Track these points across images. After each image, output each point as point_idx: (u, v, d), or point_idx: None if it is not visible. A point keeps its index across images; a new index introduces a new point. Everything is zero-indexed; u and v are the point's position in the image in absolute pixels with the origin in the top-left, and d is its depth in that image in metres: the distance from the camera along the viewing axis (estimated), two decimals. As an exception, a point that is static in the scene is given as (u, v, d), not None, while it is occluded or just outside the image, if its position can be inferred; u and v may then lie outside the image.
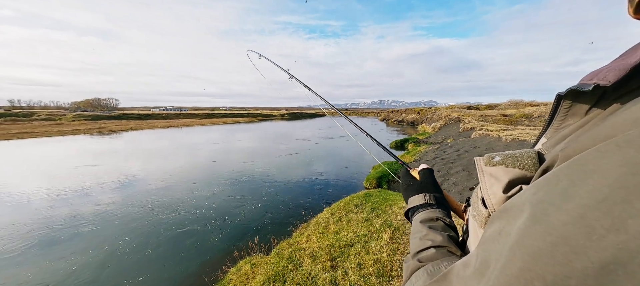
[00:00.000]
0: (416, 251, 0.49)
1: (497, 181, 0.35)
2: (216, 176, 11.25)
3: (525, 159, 0.34)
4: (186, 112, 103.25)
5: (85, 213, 7.41)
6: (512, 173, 0.34)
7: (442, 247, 0.48)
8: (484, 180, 0.37)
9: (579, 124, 0.34)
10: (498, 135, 12.75)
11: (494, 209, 0.35)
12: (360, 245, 4.07)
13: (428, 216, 0.58)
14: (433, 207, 0.61)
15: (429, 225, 0.55)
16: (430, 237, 0.50)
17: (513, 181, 0.34)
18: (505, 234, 0.25)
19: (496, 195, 0.35)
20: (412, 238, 0.55)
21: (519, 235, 0.22)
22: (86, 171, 12.33)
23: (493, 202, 0.35)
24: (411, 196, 0.66)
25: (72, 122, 51.93)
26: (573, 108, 0.35)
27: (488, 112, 29.21)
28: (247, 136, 29.59)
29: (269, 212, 7.33)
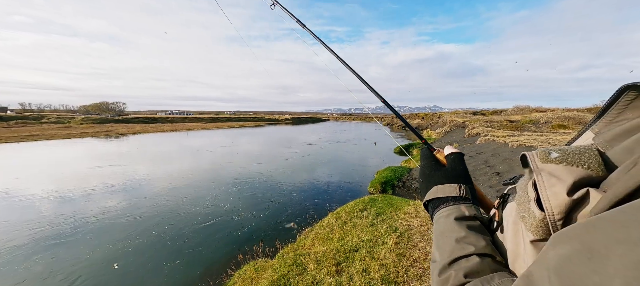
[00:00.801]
0: (454, 257, 0.41)
1: (558, 181, 0.31)
2: (220, 180, 11.32)
3: (588, 157, 0.31)
4: (191, 116, 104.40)
5: (91, 215, 7.50)
6: (577, 172, 0.30)
7: (487, 256, 0.40)
8: (541, 179, 0.33)
9: None
10: (504, 141, 12.61)
11: (552, 213, 0.31)
12: (365, 250, 4.04)
13: (463, 212, 0.48)
14: (468, 201, 0.50)
15: (467, 225, 0.46)
16: (471, 241, 0.42)
17: (578, 182, 0.30)
18: (605, 261, 0.19)
19: (558, 197, 0.30)
20: (442, 237, 0.46)
21: None
22: (93, 173, 12.52)
23: (553, 205, 0.31)
24: (438, 183, 0.54)
25: (81, 125, 52.87)
26: (637, 101, 0.33)
27: (494, 118, 28.95)
28: (251, 140, 29.76)
29: (273, 215, 7.34)
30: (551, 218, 0.31)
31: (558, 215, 0.30)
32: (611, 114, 0.36)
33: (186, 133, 42.03)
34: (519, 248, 0.37)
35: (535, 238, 0.33)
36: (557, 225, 0.30)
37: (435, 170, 0.57)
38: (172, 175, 12.17)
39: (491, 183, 7.43)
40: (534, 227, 0.33)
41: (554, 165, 0.32)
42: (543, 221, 0.32)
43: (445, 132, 25.94)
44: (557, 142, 11.02)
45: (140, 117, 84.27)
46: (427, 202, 0.55)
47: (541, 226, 0.32)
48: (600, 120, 0.37)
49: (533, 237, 0.33)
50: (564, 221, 0.30)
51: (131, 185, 10.49)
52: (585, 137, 0.39)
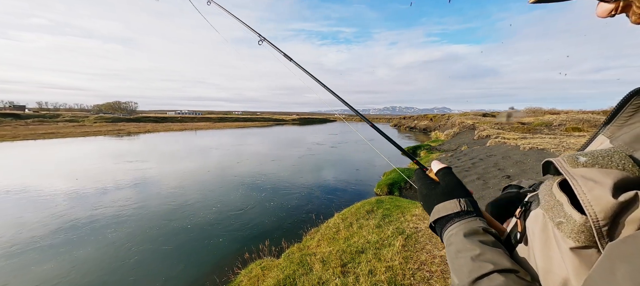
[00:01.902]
0: (474, 278, 0.39)
1: (597, 184, 0.30)
2: (228, 178, 11.45)
3: (619, 159, 0.31)
4: (200, 116, 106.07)
5: (101, 212, 7.69)
6: (614, 174, 0.30)
7: (510, 271, 0.38)
8: (577, 183, 0.32)
9: None
10: (515, 143, 12.32)
11: (596, 217, 0.30)
12: (371, 252, 4.01)
13: (471, 227, 0.47)
14: (472, 214, 0.49)
15: (479, 240, 0.44)
16: (488, 258, 0.40)
17: (619, 183, 0.30)
18: None
19: (601, 201, 0.29)
20: (456, 257, 0.44)
21: None
22: (104, 171, 12.86)
23: (596, 209, 0.30)
24: (437, 202, 0.53)
25: (94, 123, 54.38)
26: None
27: (504, 120, 28.33)
28: (258, 140, 30.00)
29: (279, 215, 7.37)
30: (595, 223, 0.29)
31: (603, 220, 0.29)
32: (622, 118, 0.36)
33: (195, 132, 42.70)
34: (553, 259, 0.35)
35: (576, 245, 0.31)
36: (602, 230, 0.29)
37: (431, 190, 0.57)
38: (181, 173, 12.38)
39: (501, 186, 7.26)
40: (574, 233, 0.31)
41: (586, 169, 0.32)
42: (584, 225, 0.30)
43: (454, 134, 25.53)
44: (572, 145, 10.70)
45: (151, 116, 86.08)
46: (433, 223, 0.54)
47: (583, 231, 0.31)
48: (611, 124, 0.37)
49: (574, 244, 0.32)
50: (609, 227, 0.29)
51: (141, 183, 10.72)
52: (599, 141, 0.38)
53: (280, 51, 1.21)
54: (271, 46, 1.22)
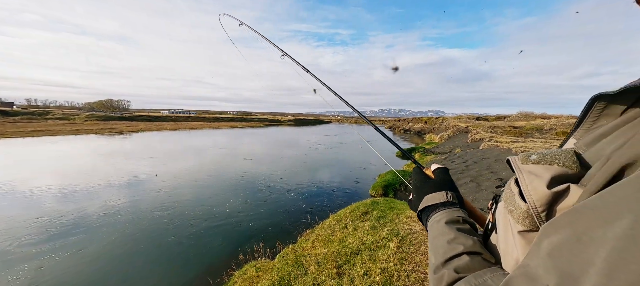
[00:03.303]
0: (446, 258, 0.45)
1: (537, 177, 0.35)
2: (222, 179, 11.35)
3: (564, 157, 0.35)
4: (195, 115, 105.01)
5: (92, 212, 7.54)
6: (553, 170, 0.35)
7: (477, 254, 0.44)
8: (522, 177, 0.37)
9: (616, 123, 0.35)
10: (508, 146, 12.53)
11: (534, 205, 0.35)
12: (366, 253, 4.02)
13: (453, 216, 0.53)
14: (456, 205, 0.56)
15: (456, 227, 0.50)
16: (461, 241, 0.46)
17: (556, 177, 0.34)
18: (592, 242, 0.23)
19: (538, 190, 0.35)
20: (435, 241, 0.50)
21: (627, 241, 0.20)
22: (96, 170, 12.61)
23: (534, 198, 0.35)
24: (428, 193, 0.60)
25: (85, 121, 53.32)
26: (608, 109, 0.37)
27: (497, 123, 28.79)
28: (253, 140, 29.84)
29: (274, 216, 7.33)
30: (534, 210, 0.35)
31: (540, 207, 0.34)
32: (588, 122, 0.40)
33: (189, 132, 42.24)
34: (508, 242, 0.41)
35: (522, 229, 0.37)
36: (540, 216, 0.34)
37: (425, 183, 0.63)
38: (173, 173, 12.23)
39: (494, 189, 7.37)
40: (521, 218, 0.37)
41: (533, 165, 0.37)
42: (527, 212, 0.36)
43: (448, 137, 25.81)
44: (562, 149, 10.92)
45: (144, 115, 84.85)
46: (420, 211, 0.61)
47: (527, 217, 0.36)
48: (580, 129, 0.41)
49: (521, 228, 0.37)
50: (546, 213, 0.34)
51: (133, 183, 10.55)
52: (569, 143, 0.43)
53: (300, 64, 1.35)
54: (292, 60, 1.37)
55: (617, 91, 0.34)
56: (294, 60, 1.37)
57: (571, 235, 0.25)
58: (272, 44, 1.47)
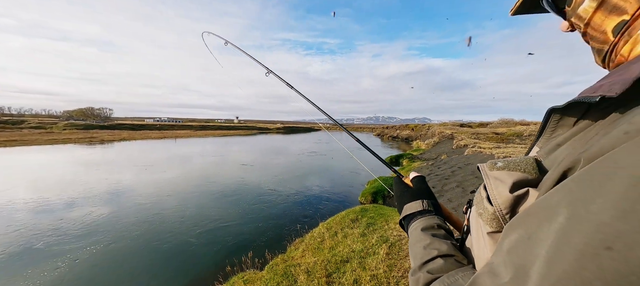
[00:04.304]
0: (422, 262, 0.48)
1: (501, 183, 0.38)
2: (208, 189, 11.08)
3: (525, 164, 0.38)
4: (181, 123, 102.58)
5: (71, 226, 7.15)
6: (515, 175, 0.37)
7: (450, 256, 0.47)
8: (489, 182, 0.40)
9: (570, 133, 0.38)
10: (490, 152, 12.97)
11: (500, 208, 0.38)
12: (356, 261, 4.01)
13: (428, 223, 0.56)
14: (432, 213, 0.60)
15: (431, 233, 0.53)
16: (435, 246, 0.49)
17: (517, 182, 0.37)
18: (538, 239, 0.25)
19: (502, 195, 0.37)
20: (413, 247, 0.53)
21: (562, 235, 0.23)
22: (74, 181, 12.01)
23: (499, 201, 0.38)
24: (407, 202, 0.63)
25: (63, 131, 50.95)
26: (562, 120, 0.40)
27: (480, 130, 29.83)
28: (241, 149, 29.43)
29: (263, 226, 7.20)
30: (500, 212, 0.38)
31: (505, 209, 0.37)
32: (547, 132, 0.42)
33: (175, 140, 41.18)
34: (480, 243, 0.43)
35: (491, 230, 0.40)
36: (505, 217, 0.37)
37: (404, 192, 0.67)
38: (157, 184, 11.83)
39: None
40: (489, 220, 0.39)
41: (499, 172, 0.40)
42: (494, 214, 0.38)
43: (435, 143, 26.44)
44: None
45: (127, 123, 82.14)
46: (402, 220, 0.64)
47: (494, 219, 0.39)
48: (541, 138, 0.44)
49: (490, 229, 0.40)
50: (510, 215, 0.37)
51: (113, 194, 10.11)
52: (533, 151, 0.46)
53: (284, 81, 1.40)
54: (277, 77, 1.41)
55: (565, 105, 0.37)
56: (279, 77, 1.41)
57: (524, 234, 0.28)
58: (257, 61, 1.50)
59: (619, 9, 0.34)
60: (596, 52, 0.41)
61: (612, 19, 0.35)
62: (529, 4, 0.50)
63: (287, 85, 1.38)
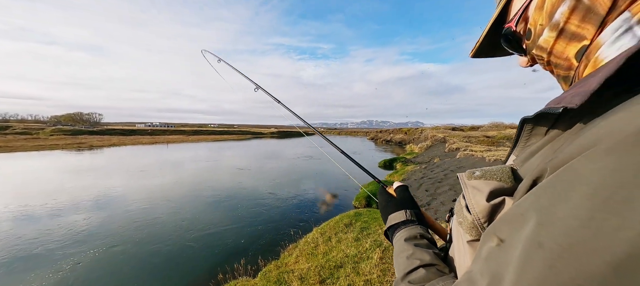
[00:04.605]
0: (405, 272, 0.49)
1: (479, 192, 0.39)
2: (200, 195, 10.91)
3: (501, 173, 0.39)
4: (173, 129, 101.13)
5: (58, 233, 6.92)
6: (492, 184, 0.38)
7: (432, 266, 0.48)
8: (467, 191, 0.41)
9: (543, 142, 0.38)
10: (482, 155, 13.18)
11: (478, 217, 0.38)
12: (350, 266, 3.99)
13: (411, 233, 0.57)
14: (414, 223, 0.60)
15: (414, 243, 0.54)
16: (417, 256, 0.50)
17: (493, 191, 0.38)
18: (511, 245, 0.26)
19: (479, 204, 0.38)
20: (397, 258, 0.54)
21: (531, 241, 0.24)
22: (59, 188, 11.66)
23: (477, 210, 0.39)
24: (391, 213, 0.64)
25: (50, 136, 49.63)
26: (535, 129, 0.41)
27: (471, 133, 30.36)
28: (234, 154, 29.16)
29: (256, 232, 7.11)
30: (477, 221, 0.38)
31: (482, 218, 0.38)
32: (522, 141, 0.43)
33: (167, 146, 40.55)
34: (460, 252, 0.44)
35: (470, 239, 0.40)
36: (483, 226, 0.38)
37: (389, 203, 0.68)
38: (147, 190, 11.58)
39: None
40: (468, 229, 0.40)
41: (476, 181, 0.40)
42: (473, 223, 0.39)
43: (427, 147, 26.75)
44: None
45: (117, 128, 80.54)
46: (387, 231, 0.65)
47: (473, 227, 0.39)
48: (517, 146, 0.45)
49: (469, 238, 0.40)
50: (488, 223, 0.38)
51: (100, 202, 9.85)
52: (511, 159, 0.47)
53: (273, 97, 1.45)
54: (266, 93, 1.47)
55: (534, 115, 0.38)
56: (267, 92, 1.46)
57: (498, 241, 0.29)
58: (246, 78, 1.57)
59: (578, 35, 0.36)
60: (562, 80, 0.42)
61: (574, 45, 0.37)
62: (488, 49, 0.53)
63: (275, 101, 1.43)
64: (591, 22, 0.34)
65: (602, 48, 0.33)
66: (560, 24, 0.37)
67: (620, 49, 0.31)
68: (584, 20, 0.34)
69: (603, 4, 0.32)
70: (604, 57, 0.33)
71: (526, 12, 0.43)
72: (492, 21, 0.49)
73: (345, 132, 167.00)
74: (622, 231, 0.19)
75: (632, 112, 0.23)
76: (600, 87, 0.28)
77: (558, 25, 0.37)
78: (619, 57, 0.29)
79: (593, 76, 0.31)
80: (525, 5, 0.42)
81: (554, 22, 0.37)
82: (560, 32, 0.37)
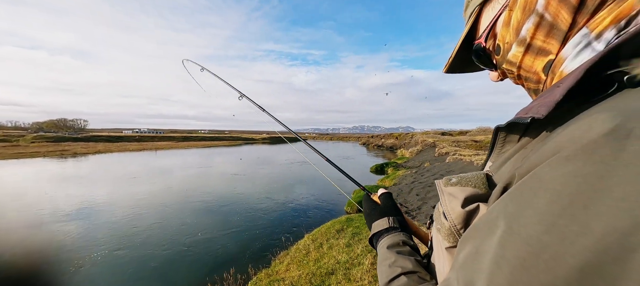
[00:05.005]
0: (387, 280, 0.49)
1: (455, 198, 0.39)
2: (188, 203, 10.66)
3: (476, 179, 0.39)
4: (162, 135, 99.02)
5: (38, 248, 6.59)
6: (467, 191, 0.38)
7: (413, 273, 0.48)
8: (443, 198, 0.41)
9: (515, 149, 0.39)
10: (470, 159, 13.46)
11: (454, 223, 0.39)
12: (341, 273, 3.96)
13: (394, 240, 0.57)
14: (397, 230, 0.61)
15: (397, 251, 0.54)
16: (399, 264, 0.50)
17: (468, 198, 0.38)
18: (483, 252, 0.27)
19: (455, 210, 0.39)
20: (380, 265, 0.54)
21: (499, 248, 0.25)
22: (41, 197, 11.17)
23: (453, 217, 0.39)
24: (375, 220, 0.65)
25: (31, 143, 47.72)
26: (508, 137, 0.42)
27: (460, 138, 31.02)
28: (224, 160, 28.75)
29: (246, 239, 6.98)
30: (454, 227, 0.39)
31: (459, 224, 0.38)
32: (497, 148, 0.44)
33: (155, 152, 39.63)
34: (440, 258, 0.44)
35: (448, 245, 0.40)
36: (459, 232, 0.38)
37: (373, 210, 0.68)
38: (133, 198, 11.24)
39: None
40: (446, 236, 0.40)
41: (452, 187, 0.40)
42: (450, 229, 0.39)
43: (418, 152, 27.11)
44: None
45: (103, 135, 78.27)
46: (371, 238, 0.64)
47: (450, 234, 0.40)
48: (493, 153, 0.46)
49: (447, 244, 0.41)
50: (464, 230, 0.38)
51: (83, 211, 9.48)
52: (487, 166, 0.47)
53: (257, 104, 1.45)
54: (250, 101, 1.46)
55: (506, 124, 0.40)
56: (251, 100, 1.45)
57: (472, 248, 0.29)
58: (230, 86, 1.55)
59: (544, 50, 0.37)
60: (532, 92, 0.43)
61: (541, 59, 0.38)
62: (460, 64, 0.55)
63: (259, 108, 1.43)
64: (555, 38, 0.36)
65: (565, 62, 0.35)
66: (527, 40, 0.38)
67: (581, 62, 0.33)
68: (548, 35, 0.36)
69: (564, 21, 0.34)
70: (568, 71, 0.35)
71: (494, 29, 0.44)
72: (462, 38, 0.50)
73: (337, 137, 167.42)
74: (582, 237, 0.19)
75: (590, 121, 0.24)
76: (563, 97, 0.29)
77: (525, 41, 0.39)
78: (579, 69, 0.30)
79: (557, 86, 0.32)
80: (492, 21, 0.43)
81: (521, 38, 0.39)
82: (527, 48, 0.39)
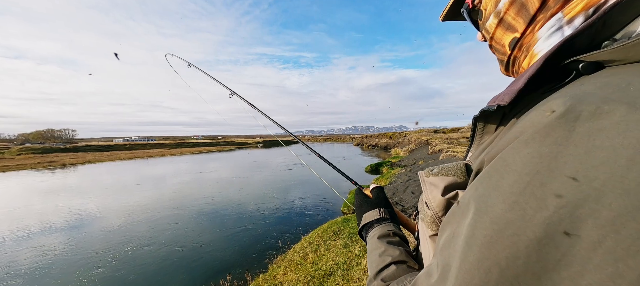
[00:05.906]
0: (378, 270, 0.49)
1: (435, 187, 0.41)
2: (183, 210, 10.50)
3: (455, 169, 0.41)
4: (154, 142, 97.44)
5: (27, 257, 6.37)
6: (447, 180, 0.40)
7: (402, 262, 0.49)
8: (425, 188, 0.43)
9: (491, 139, 0.41)
10: (463, 156, 13.61)
11: (436, 212, 0.40)
12: (339, 274, 3.95)
13: (384, 231, 0.58)
14: (387, 221, 0.62)
15: (387, 241, 0.55)
16: (389, 253, 0.51)
17: (448, 186, 0.39)
18: (457, 235, 0.28)
19: (436, 198, 0.40)
20: (370, 255, 0.55)
21: (470, 228, 0.26)
22: (29, 209, 10.83)
23: (435, 205, 0.40)
24: (365, 212, 0.66)
25: (17, 156, 46.32)
26: (486, 127, 0.43)
27: (453, 135, 31.46)
28: (218, 165, 28.44)
29: (243, 245, 6.90)
30: (435, 215, 0.40)
31: (440, 212, 0.40)
32: (477, 138, 0.45)
33: (147, 160, 38.96)
34: (425, 246, 0.45)
35: (432, 233, 0.42)
36: (441, 219, 0.39)
37: (364, 203, 0.69)
38: (127, 207, 11.01)
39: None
40: (429, 224, 0.42)
41: (434, 177, 0.42)
42: (432, 217, 0.41)
43: (412, 150, 27.36)
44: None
45: (92, 144, 76.49)
46: (361, 230, 0.66)
47: (433, 222, 0.41)
48: (473, 145, 0.47)
49: (430, 233, 0.42)
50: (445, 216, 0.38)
51: (76, 221, 9.23)
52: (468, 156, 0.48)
53: (248, 102, 1.41)
54: (240, 98, 1.42)
55: (479, 113, 0.41)
56: (242, 98, 1.41)
57: (450, 232, 0.31)
58: (220, 83, 1.50)
59: (512, 27, 0.40)
60: (500, 62, 0.46)
61: (508, 35, 0.41)
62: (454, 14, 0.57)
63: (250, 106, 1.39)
64: (522, 18, 0.38)
65: (539, 42, 0.37)
66: (501, 13, 0.41)
67: (551, 45, 0.35)
68: (518, 14, 0.38)
69: (533, 4, 0.36)
70: (538, 50, 0.37)
71: None
72: None
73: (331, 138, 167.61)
74: (539, 212, 0.21)
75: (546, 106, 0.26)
76: (526, 85, 0.31)
77: (500, 14, 0.41)
78: (539, 60, 0.31)
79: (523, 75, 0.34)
80: None
81: (497, 10, 0.41)
82: (500, 21, 0.41)
